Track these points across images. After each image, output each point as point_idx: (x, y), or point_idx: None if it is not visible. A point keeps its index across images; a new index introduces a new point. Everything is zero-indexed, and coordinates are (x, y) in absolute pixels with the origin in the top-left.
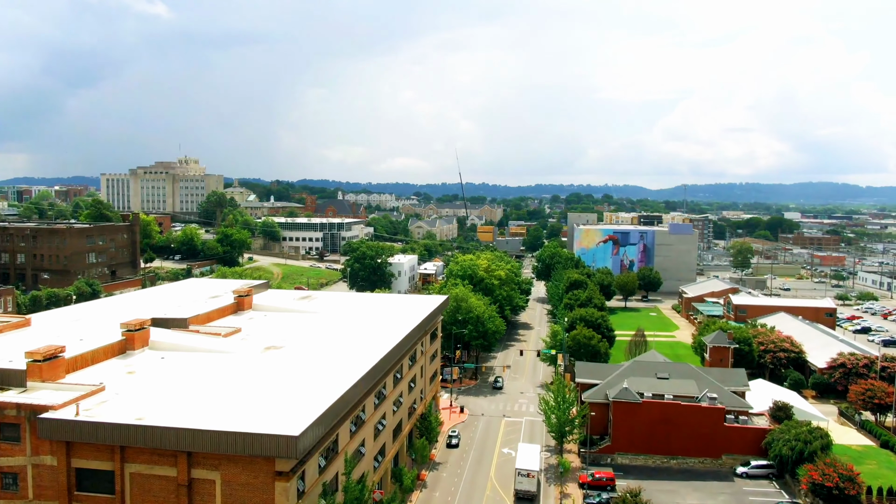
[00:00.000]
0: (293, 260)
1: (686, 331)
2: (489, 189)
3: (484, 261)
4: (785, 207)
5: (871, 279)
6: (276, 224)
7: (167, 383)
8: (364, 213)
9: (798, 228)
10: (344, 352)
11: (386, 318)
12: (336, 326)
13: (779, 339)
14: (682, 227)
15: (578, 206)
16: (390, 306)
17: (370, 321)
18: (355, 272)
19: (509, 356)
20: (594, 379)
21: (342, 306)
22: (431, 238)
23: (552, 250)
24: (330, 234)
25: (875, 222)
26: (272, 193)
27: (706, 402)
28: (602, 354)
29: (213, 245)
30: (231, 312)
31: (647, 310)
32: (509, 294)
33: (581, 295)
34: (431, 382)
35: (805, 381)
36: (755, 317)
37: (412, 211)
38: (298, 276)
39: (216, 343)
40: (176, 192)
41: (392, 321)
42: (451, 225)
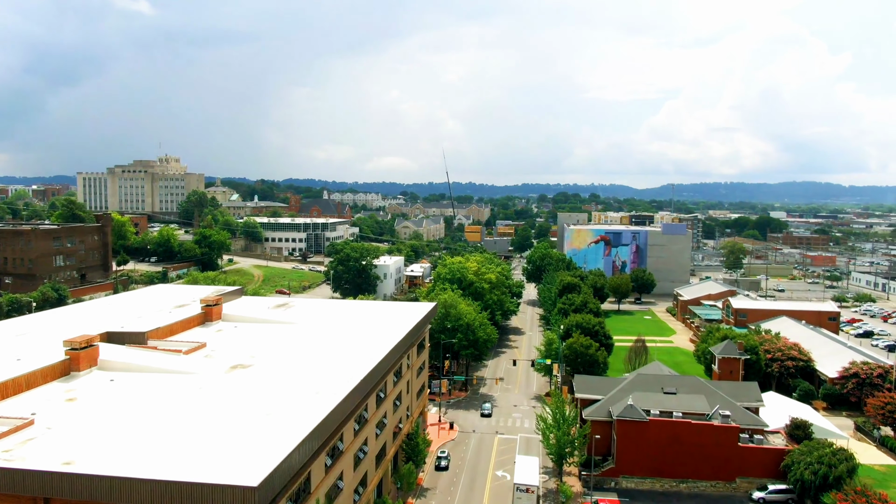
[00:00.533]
0: (275, 261)
1: (683, 335)
2: (476, 188)
3: (473, 263)
4: (770, 207)
5: (865, 280)
6: (257, 224)
7: (112, 413)
8: (349, 212)
9: (786, 228)
10: (321, 370)
11: (369, 329)
12: (313, 339)
13: (786, 346)
14: (676, 227)
15: (566, 206)
16: (374, 315)
17: (351, 332)
18: (339, 275)
19: (501, 364)
20: (595, 394)
21: (321, 315)
22: (418, 238)
23: (543, 251)
24: (314, 234)
25: (860, 221)
26: (256, 193)
27: (718, 419)
28: (600, 364)
29: (191, 246)
30: (198, 324)
31: (640, 313)
32: (500, 298)
33: (576, 299)
34: (418, 397)
35: (815, 392)
36: (756, 321)
37: (399, 211)
38: (280, 278)
39: (175, 362)
40: (155, 191)
41: (376, 332)
42: (438, 225)
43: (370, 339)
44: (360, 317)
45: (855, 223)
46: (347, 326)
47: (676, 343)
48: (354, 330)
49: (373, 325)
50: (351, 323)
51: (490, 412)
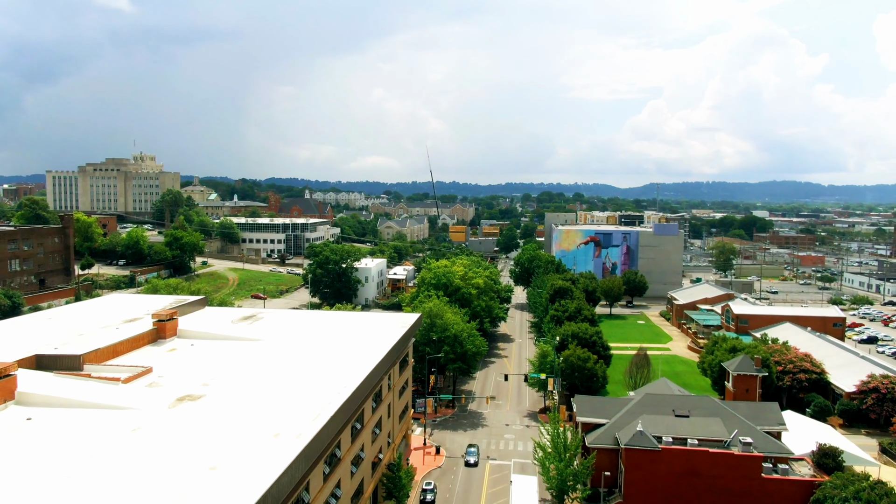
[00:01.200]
0: (252, 264)
1: (680, 342)
2: (460, 188)
3: (460, 267)
4: (752, 206)
5: (858, 281)
6: (234, 225)
7: (16, 468)
8: (331, 212)
9: (771, 227)
10: (285, 401)
11: (345, 346)
12: (280, 360)
13: (797, 357)
14: (667, 227)
15: (551, 206)
16: (352, 329)
17: (325, 351)
18: (317, 278)
19: (490, 376)
20: (598, 417)
21: (292, 330)
22: (402, 239)
23: (531, 253)
24: (293, 235)
25: (842, 220)
26: (236, 192)
27: (739, 447)
28: (599, 378)
29: (162, 249)
30: (148, 342)
31: (633, 317)
32: (488, 304)
33: (569, 306)
34: (401, 420)
35: (831, 408)
36: (758, 328)
37: (382, 210)
38: (256, 282)
39: (110, 393)
40: (128, 190)
41: (353, 350)
42: (422, 225)
43: (346, 358)
44: (335, 331)
45: (837, 222)
46: (321, 343)
47: (674, 350)
48: (329, 347)
49: (350, 342)
50: (325, 339)
51: (476, 461)
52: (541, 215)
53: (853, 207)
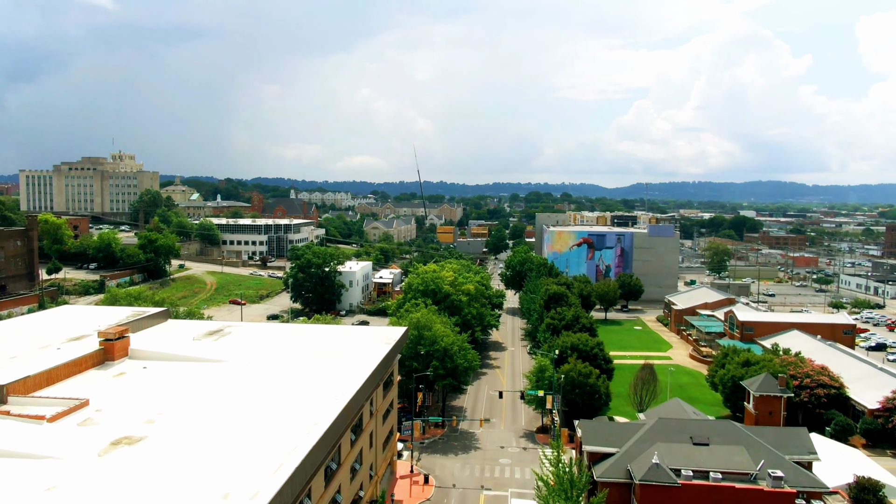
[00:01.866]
0: (232, 267)
1: (681, 349)
2: (447, 188)
3: (449, 272)
4: (738, 205)
5: (856, 283)
6: (214, 226)
7: None
8: (316, 213)
9: (761, 227)
10: (246, 444)
11: (322, 368)
12: (245, 387)
13: (814, 371)
14: (662, 228)
15: (540, 206)
16: (330, 345)
17: (298, 374)
18: (299, 283)
19: (482, 389)
20: (607, 445)
21: (262, 347)
22: (388, 240)
23: (522, 255)
24: (276, 236)
25: (829, 220)
26: (220, 192)
27: (767, 481)
28: (602, 396)
29: (135, 252)
30: (92, 365)
31: (629, 322)
32: (480, 312)
33: (566, 313)
34: (385, 448)
35: (854, 427)
36: (764, 335)
37: (368, 210)
38: (236, 286)
39: (29, 436)
40: (105, 190)
41: (330, 373)
42: (409, 226)
43: (321, 384)
44: (311, 349)
45: (824, 222)
46: (293, 364)
47: (676, 359)
48: (301, 370)
49: (326, 362)
50: (298, 359)
51: None
52: (529, 215)
53: (838, 207)
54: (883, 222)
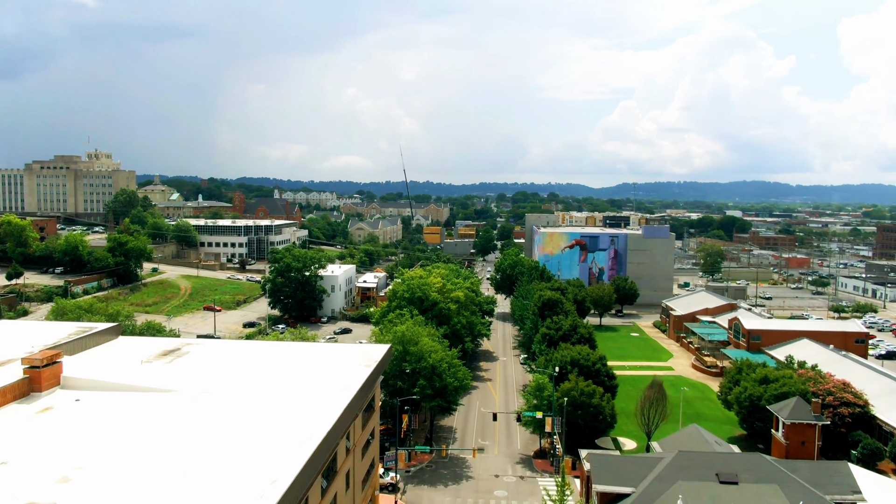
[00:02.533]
0: (209, 270)
1: (682, 359)
2: (433, 188)
3: (437, 278)
4: (724, 205)
5: (853, 285)
6: (191, 227)
7: None
8: (299, 213)
9: (750, 228)
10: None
11: (289, 398)
12: (195, 425)
13: (836, 387)
14: (658, 229)
15: (527, 205)
16: (302, 368)
17: (261, 407)
18: (277, 288)
19: (473, 405)
20: (620, 484)
21: (222, 371)
22: (374, 242)
23: (513, 258)
24: (256, 238)
25: (815, 220)
26: (202, 192)
27: None
28: (607, 417)
29: (103, 255)
30: (13, 399)
31: (626, 328)
32: (470, 321)
33: (563, 323)
34: (365, 485)
35: (883, 450)
36: (772, 345)
37: (354, 210)
38: (211, 291)
39: None
40: (79, 190)
41: (299, 404)
42: (395, 226)
43: (288, 419)
44: (279, 372)
45: (811, 222)
46: (256, 393)
47: (678, 370)
48: (265, 401)
49: (295, 390)
50: (262, 386)
51: None
52: (517, 215)
53: (823, 207)
54: (869, 222)
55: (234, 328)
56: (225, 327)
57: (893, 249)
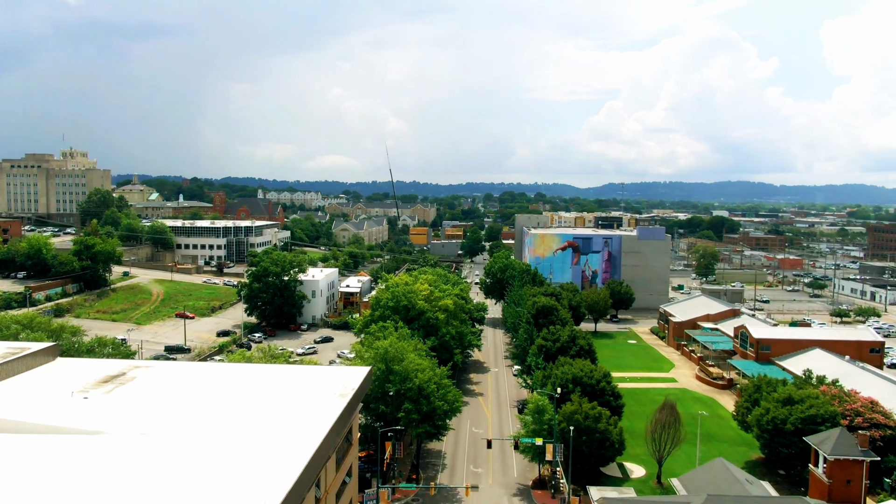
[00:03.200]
0: (185, 274)
1: (684, 369)
2: (420, 188)
3: (424, 284)
4: (710, 205)
5: (850, 287)
6: (167, 228)
7: None
8: (282, 213)
9: (739, 228)
10: None
11: (249, 440)
12: (125, 478)
13: (865, 406)
14: (653, 230)
15: (514, 205)
16: (267, 398)
17: (212, 453)
18: (254, 293)
19: (463, 426)
20: None
21: (172, 404)
22: (358, 243)
23: (503, 261)
24: (235, 240)
25: (802, 220)
26: (183, 192)
27: None
28: (615, 444)
29: (69, 259)
30: None
31: (622, 335)
32: (459, 331)
33: (561, 333)
34: None
35: None
36: (782, 355)
37: (339, 211)
38: (185, 296)
39: None
40: (51, 189)
41: (260, 448)
42: (381, 227)
43: (243, 471)
44: (239, 404)
45: (797, 222)
46: (209, 432)
47: (682, 382)
48: (219, 441)
49: (257, 429)
50: (217, 423)
51: None
52: (504, 216)
53: (807, 207)
54: (854, 222)
55: (208, 337)
56: (197, 336)
57: (886, 250)
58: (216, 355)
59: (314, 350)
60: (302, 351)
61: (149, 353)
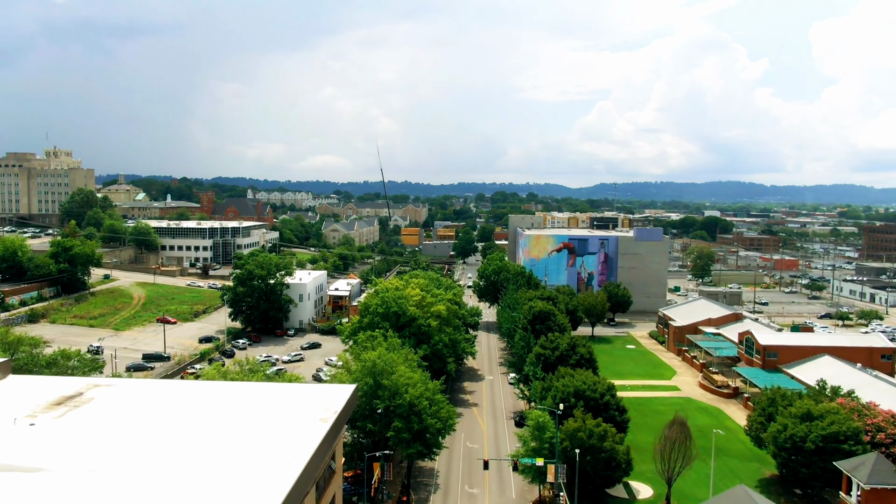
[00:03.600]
0: (169, 277)
1: (686, 376)
2: (412, 187)
3: (415, 289)
4: (701, 205)
5: (849, 289)
6: (151, 229)
7: None
8: (271, 214)
9: (733, 228)
10: None
11: (216, 473)
12: None
13: (886, 420)
14: (650, 231)
15: (507, 206)
16: (238, 424)
17: (172, 489)
18: (239, 298)
19: (457, 442)
20: None
21: (130, 432)
22: (349, 244)
23: (497, 264)
24: (222, 241)
25: (793, 220)
26: (171, 192)
27: None
28: (622, 464)
29: (45, 262)
30: None
31: (620, 340)
32: (453, 338)
33: (560, 341)
34: None
35: None
36: (789, 362)
37: (330, 211)
38: (168, 300)
39: None
40: (32, 189)
41: (228, 483)
42: (371, 227)
43: None
44: (209, 427)
45: (789, 222)
46: (169, 466)
47: (685, 390)
48: (180, 478)
49: (224, 459)
50: (182, 452)
51: None
52: (497, 216)
53: (798, 207)
54: (846, 222)
55: (189, 344)
56: (179, 343)
57: (882, 251)
58: (197, 363)
59: (301, 357)
60: (288, 358)
61: (125, 362)
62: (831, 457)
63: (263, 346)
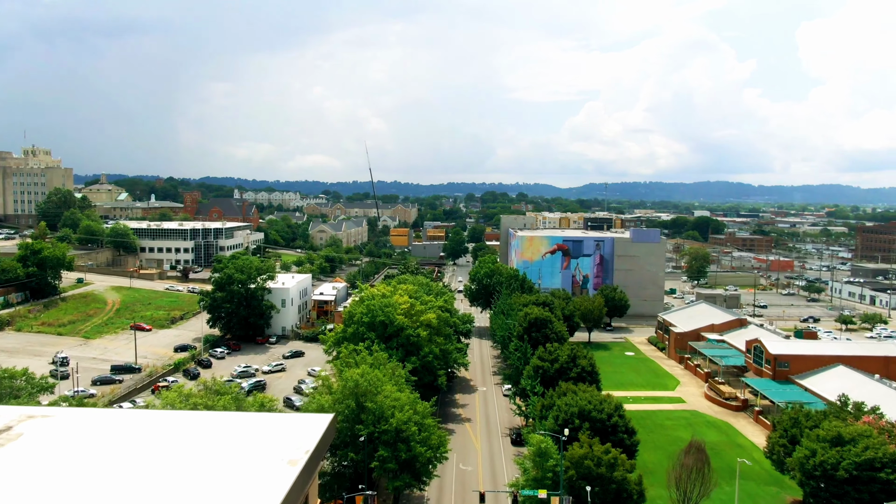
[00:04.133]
0: (147, 280)
1: (691, 386)
2: (401, 187)
3: (403, 296)
4: (690, 205)
5: (848, 291)
6: (129, 230)
7: None
8: (256, 214)
9: (725, 228)
10: None
11: None
12: None
13: None
14: (647, 232)
15: (497, 206)
16: (194, 463)
17: None
18: (217, 303)
19: (448, 467)
20: None
21: (57, 481)
22: (336, 245)
23: (489, 267)
24: (204, 242)
25: (783, 220)
26: (155, 192)
27: None
28: (633, 497)
29: (12, 265)
30: None
31: (618, 346)
32: (444, 349)
33: (560, 353)
34: None
35: None
36: (801, 372)
37: (318, 211)
38: (144, 305)
39: None
40: (8, 189)
41: None
42: (360, 228)
43: None
44: (154, 472)
45: (778, 222)
46: None
47: (690, 402)
48: None
49: None
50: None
51: None
52: (487, 216)
53: (786, 207)
54: (835, 222)
55: (164, 353)
56: (152, 352)
57: (875, 251)
58: (170, 375)
59: (282, 367)
60: (268, 368)
61: (92, 374)
62: (867, 486)
63: (243, 354)
